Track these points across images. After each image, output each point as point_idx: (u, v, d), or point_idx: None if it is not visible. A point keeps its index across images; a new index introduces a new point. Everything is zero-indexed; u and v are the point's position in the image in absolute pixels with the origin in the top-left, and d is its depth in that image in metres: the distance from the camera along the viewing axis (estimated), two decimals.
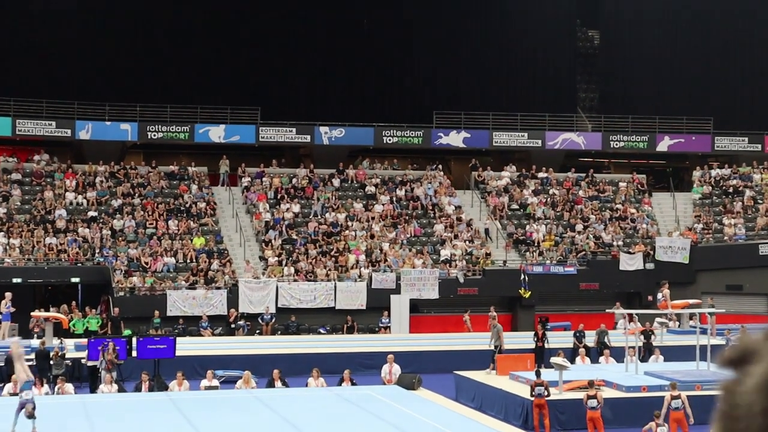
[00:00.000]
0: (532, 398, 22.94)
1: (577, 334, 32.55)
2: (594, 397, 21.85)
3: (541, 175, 48.77)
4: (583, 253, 43.28)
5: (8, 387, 23.91)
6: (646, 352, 31.11)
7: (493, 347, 28.99)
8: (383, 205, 45.26)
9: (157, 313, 36.47)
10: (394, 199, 45.85)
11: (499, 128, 49.08)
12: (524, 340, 33.51)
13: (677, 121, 49.84)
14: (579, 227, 45.19)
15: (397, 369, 26.92)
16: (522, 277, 40.28)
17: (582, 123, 52.36)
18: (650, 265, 42.77)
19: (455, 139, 48.67)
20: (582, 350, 30.09)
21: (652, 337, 32.67)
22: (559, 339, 33.28)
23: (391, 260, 41.06)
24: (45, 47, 48.10)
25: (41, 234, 39.78)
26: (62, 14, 48.59)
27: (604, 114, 51.67)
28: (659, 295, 37.20)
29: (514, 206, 46.64)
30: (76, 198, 42.63)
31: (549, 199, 47.29)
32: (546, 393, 22.87)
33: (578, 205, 47.02)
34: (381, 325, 38.34)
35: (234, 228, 42.84)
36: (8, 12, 48.13)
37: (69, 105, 44.63)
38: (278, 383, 25.38)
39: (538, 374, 23.68)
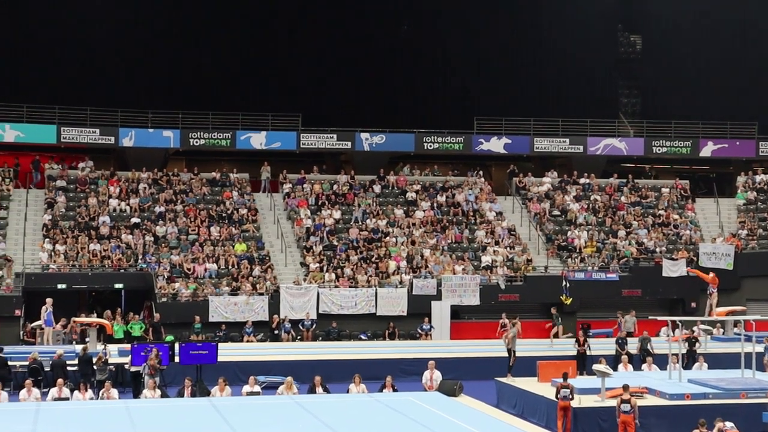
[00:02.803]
0: (557, 400, 23.01)
1: (620, 341, 32.32)
2: (627, 401, 21.79)
3: (582, 180, 48.53)
4: (626, 259, 42.98)
5: (53, 392, 24.13)
6: (689, 360, 30.83)
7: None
8: (424, 211, 45.23)
9: (197, 318, 36.67)
10: (435, 205, 45.82)
11: (540, 134, 48.93)
12: (566, 346, 33.34)
13: (721, 126, 49.42)
14: (621, 233, 44.88)
15: (438, 375, 26.85)
16: (563, 283, 40.07)
17: (624, 128, 52.09)
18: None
19: (496, 145, 48.59)
20: (625, 357, 29.87)
21: (696, 344, 32.37)
22: (601, 345, 33.06)
23: (431, 266, 41.02)
24: (89, 56, 48.68)
25: (85, 240, 40.15)
26: (106, 24, 49.16)
27: (646, 119, 51.36)
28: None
29: (556, 212, 46.43)
30: (119, 204, 42.99)
31: (590, 205, 47.04)
32: (571, 396, 23.06)
33: (620, 211, 46.73)
34: (421, 331, 38.28)
35: (275, 234, 43.00)
36: (53, 22, 48.73)
37: (113, 113, 45.08)
38: (319, 389, 25.42)
39: (564, 377, 23.78)
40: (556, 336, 36.37)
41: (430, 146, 48.41)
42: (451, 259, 41.77)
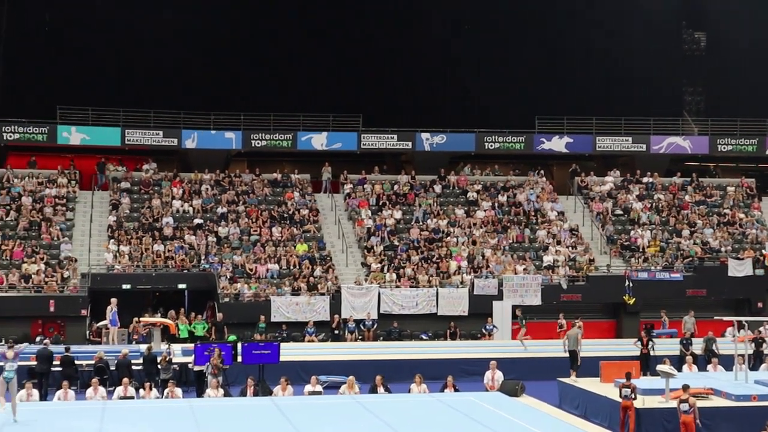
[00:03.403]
0: (620, 399, 22.89)
1: (684, 342, 31.94)
2: (686, 401, 21.56)
3: (645, 179, 48.04)
4: (690, 259, 42.45)
5: (119, 390, 24.45)
6: (756, 361, 30.39)
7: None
8: (485, 211, 45.09)
9: (262, 318, 36.90)
10: (496, 205, 45.65)
11: (602, 133, 48.54)
12: (629, 347, 33.03)
13: None
14: (685, 232, 44.34)
15: (499, 375, 26.77)
16: (626, 283, 39.73)
17: (688, 126, 51.46)
18: (760, 271, 41.73)
19: (558, 144, 48.30)
20: (689, 358, 29.52)
21: (763, 345, 31.89)
22: (666, 346, 32.72)
23: (493, 266, 40.87)
24: (152, 59, 49.27)
25: (149, 241, 40.62)
26: (168, 27, 49.70)
27: (710, 117, 50.63)
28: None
29: (618, 211, 46.01)
30: (182, 206, 43.43)
31: (654, 204, 46.54)
32: (632, 396, 22.91)
33: (684, 210, 46.16)
34: (485, 331, 38.16)
35: (336, 234, 43.13)
36: (116, 26, 49.38)
37: (175, 115, 45.57)
38: (381, 389, 25.46)
39: (627, 377, 23.61)
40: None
41: (491, 146, 48.25)
42: (512, 259, 41.59)
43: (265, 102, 47.49)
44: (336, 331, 37.22)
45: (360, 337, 37.26)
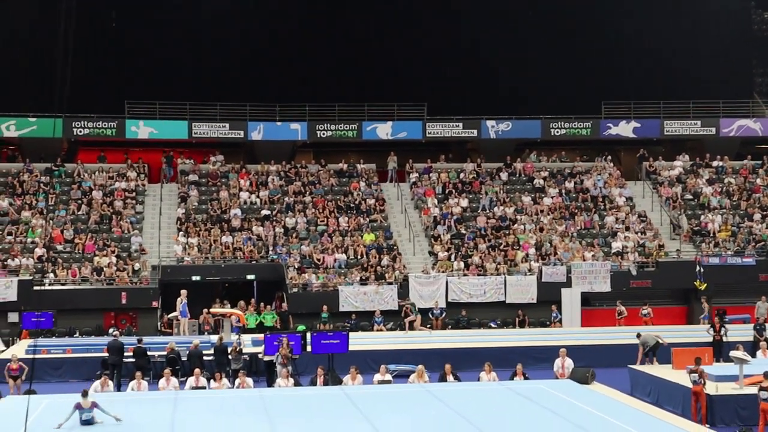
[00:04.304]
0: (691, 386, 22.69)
1: (758, 327, 31.43)
2: (766, 389, 21.16)
3: (715, 163, 47.34)
4: (762, 243, 41.74)
5: (191, 381, 24.73)
6: None
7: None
8: (552, 197, 44.79)
9: (325, 308, 37.01)
10: (563, 191, 45.32)
11: (670, 117, 47.93)
12: (700, 333, 32.61)
13: None
14: (757, 216, 43.61)
15: (570, 363, 26.57)
16: (697, 268, 39.22)
17: (758, 108, 50.54)
18: None
19: (625, 129, 47.85)
20: (763, 344, 29.03)
21: None
22: (739, 332, 32.25)
23: (561, 253, 40.59)
24: (217, 52, 49.63)
25: (217, 233, 41.00)
26: (234, 20, 50.01)
27: None
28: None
29: (688, 196, 45.40)
30: (249, 197, 43.76)
31: (724, 188, 45.83)
32: (701, 381, 22.55)
33: (756, 194, 45.40)
34: (554, 319, 37.94)
35: (403, 223, 43.15)
36: (182, 21, 49.81)
37: (241, 107, 45.93)
38: (450, 377, 25.42)
39: (697, 362, 23.27)
40: (411, 326, 36.13)
41: (557, 132, 47.91)
42: (580, 246, 41.26)
43: (329, 93, 47.63)
44: (406, 320, 37.24)
45: (428, 326, 37.20)
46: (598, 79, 51.08)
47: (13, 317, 36.32)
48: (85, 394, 19.05)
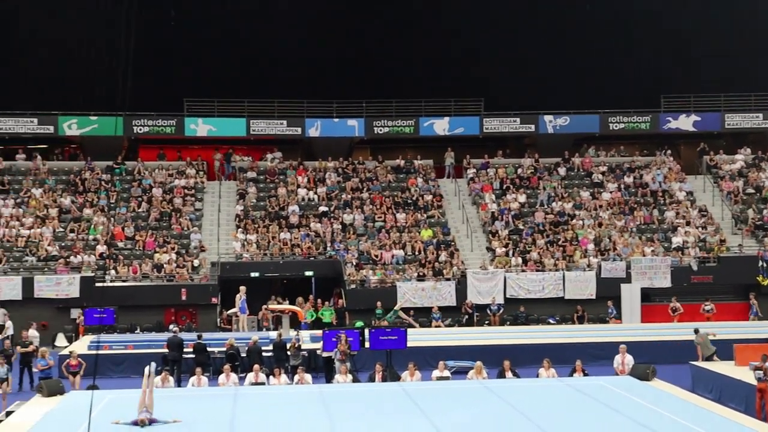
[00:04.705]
0: (755, 383, 22.46)
1: None
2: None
3: None
4: None
5: (250, 376, 24.87)
6: None
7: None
8: (611, 192, 44.42)
9: (379, 304, 37.02)
10: (622, 186, 44.92)
11: (731, 110, 47.30)
12: (763, 329, 32.14)
13: None
14: None
15: (630, 359, 26.31)
16: (760, 263, 38.65)
17: None
18: None
19: (685, 122, 47.28)
20: None
21: None
22: None
23: (620, 249, 40.23)
24: (274, 49, 49.85)
25: (276, 229, 41.22)
26: (290, 18, 50.21)
27: None
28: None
29: (750, 190, 44.75)
30: (307, 194, 43.94)
31: None
32: (766, 378, 22.19)
33: None
34: (610, 314, 37.65)
35: (461, 219, 43.06)
36: (238, 18, 50.14)
37: (299, 104, 46.11)
38: (509, 374, 25.31)
39: (763, 359, 22.91)
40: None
41: (616, 126, 47.49)
42: (640, 241, 40.87)
43: (386, 89, 47.65)
44: (465, 316, 37.16)
45: (486, 322, 37.07)
46: (656, 72, 50.56)
47: (75, 314, 36.84)
48: (144, 414, 18.71)
